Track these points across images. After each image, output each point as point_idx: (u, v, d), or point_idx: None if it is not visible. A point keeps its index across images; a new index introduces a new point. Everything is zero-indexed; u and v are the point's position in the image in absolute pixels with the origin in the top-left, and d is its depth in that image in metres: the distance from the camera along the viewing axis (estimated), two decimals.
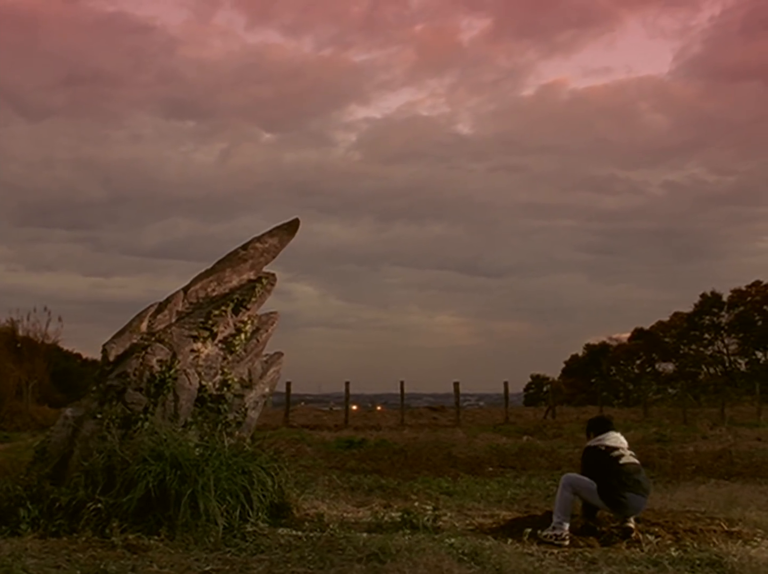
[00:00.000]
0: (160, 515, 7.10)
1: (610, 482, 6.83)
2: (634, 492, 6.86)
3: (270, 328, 9.11)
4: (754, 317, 65.36)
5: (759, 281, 65.54)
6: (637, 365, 69.13)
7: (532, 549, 6.45)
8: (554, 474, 11.64)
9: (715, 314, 66.35)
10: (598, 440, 7.23)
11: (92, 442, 7.84)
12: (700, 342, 67.29)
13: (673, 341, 67.71)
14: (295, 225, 9.27)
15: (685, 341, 67.49)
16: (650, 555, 6.14)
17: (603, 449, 7.09)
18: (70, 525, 7.09)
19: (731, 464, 12.09)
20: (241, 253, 9.05)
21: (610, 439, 7.18)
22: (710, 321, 66.56)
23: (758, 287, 65.56)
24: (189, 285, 8.95)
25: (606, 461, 6.98)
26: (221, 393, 8.63)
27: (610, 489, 6.82)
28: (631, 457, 7.14)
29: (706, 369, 66.03)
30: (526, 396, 65.47)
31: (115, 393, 8.22)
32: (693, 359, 66.29)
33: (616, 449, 7.08)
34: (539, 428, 20.31)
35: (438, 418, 26.53)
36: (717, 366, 66.26)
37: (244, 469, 7.62)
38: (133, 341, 8.56)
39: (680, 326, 67.43)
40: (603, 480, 6.87)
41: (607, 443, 7.13)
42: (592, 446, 7.29)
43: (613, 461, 6.96)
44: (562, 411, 27.81)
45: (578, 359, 70.94)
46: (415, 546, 6.33)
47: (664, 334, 68.66)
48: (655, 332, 68.81)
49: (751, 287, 65.67)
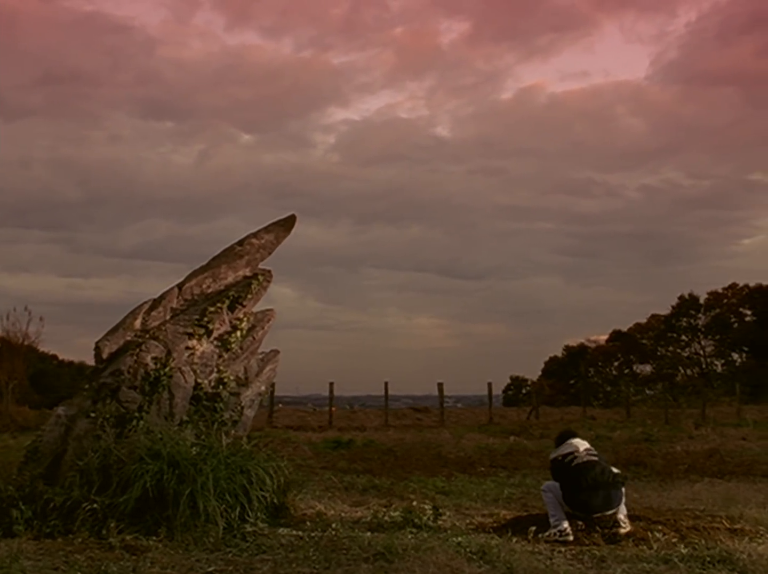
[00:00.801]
0: (158, 515, 6.95)
1: (568, 485, 7.06)
2: (591, 490, 6.95)
3: (266, 325, 8.98)
4: (730, 319, 66.10)
5: (735, 284, 66.36)
6: (615, 367, 69.65)
7: (540, 547, 6.38)
8: (547, 474, 11.61)
9: (692, 316, 67.05)
10: (557, 451, 7.49)
11: (86, 441, 7.67)
12: (678, 344, 67.93)
13: (651, 342, 68.30)
14: (292, 221, 9.15)
15: (662, 343, 68.10)
16: (659, 553, 6.09)
17: (560, 459, 7.34)
18: (65, 526, 6.92)
19: (722, 463, 12.13)
20: (236, 249, 8.91)
21: (566, 447, 7.40)
22: (687, 323, 67.25)
23: (734, 289, 66.35)
24: (183, 281, 8.79)
25: (561, 467, 7.24)
26: (217, 391, 8.49)
27: (567, 493, 7.03)
28: (586, 456, 7.24)
29: (683, 371, 66.61)
30: (505, 397, 65.49)
31: (108, 391, 8.05)
32: (670, 361, 66.87)
33: (570, 454, 7.27)
34: (525, 428, 20.29)
35: (422, 418, 26.46)
36: (694, 368, 66.91)
37: (242, 468, 7.49)
38: (126, 339, 8.39)
39: (658, 328, 68.04)
40: (564, 485, 7.10)
41: (562, 452, 7.37)
42: (552, 458, 7.58)
43: (566, 467, 7.18)
44: (545, 412, 27.85)
45: (557, 361, 71.33)
46: (421, 545, 6.24)
47: (641, 336, 69.24)
48: (633, 334, 69.38)
49: (727, 290, 66.42)
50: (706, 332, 66.37)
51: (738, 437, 16.83)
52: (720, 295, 66.57)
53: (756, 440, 16.25)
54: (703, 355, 67.24)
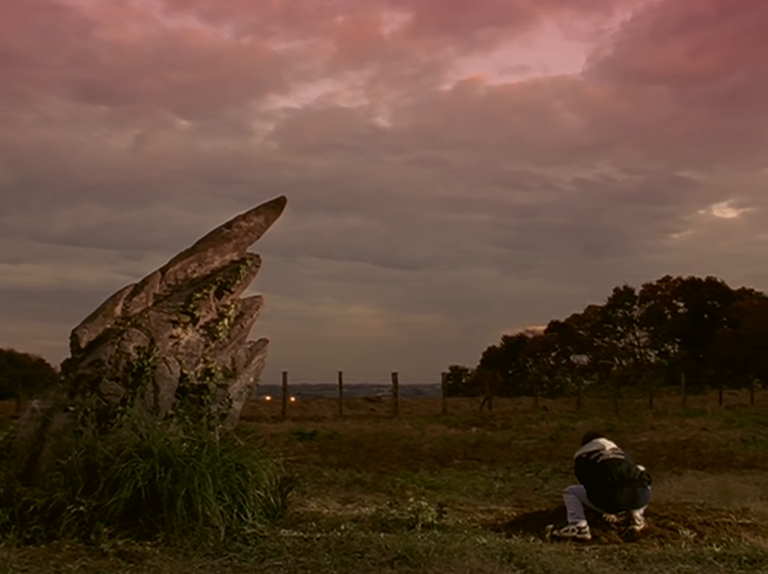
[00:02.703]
0: (152, 517, 6.42)
1: (593, 482, 6.93)
2: (617, 487, 6.81)
3: (255, 313, 8.47)
4: (664, 310, 67.85)
5: (669, 277, 68.04)
6: (552, 357, 70.73)
7: (565, 547, 6.10)
8: (530, 466, 11.46)
9: (628, 307, 68.58)
10: (582, 449, 7.38)
11: (66, 437, 7.06)
12: (613, 335, 69.44)
13: (588, 333, 69.60)
14: (282, 203, 8.64)
15: (598, 334, 69.49)
16: (689, 552, 5.87)
17: (584, 457, 7.23)
18: (48, 531, 6.34)
19: (699, 455, 12.15)
20: (224, 231, 8.36)
21: (592, 445, 7.30)
22: (623, 315, 68.76)
23: (668, 281, 68.06)
24: (167, 265, 8.21)
25: (587, 465, 7.12)
26: (204, 383, 7.95)
27: (594, 489, 6.88)
28: (611, 454, 7.14)
29: (618, 361, 68.12)
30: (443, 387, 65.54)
31: (88, 383, 7.43)
32: (606, 352, 68.28)
33: (595, 451, 7.17)
34: (486, 419, 20.17)
35: (375, 409, 26.15)
36: (629, 358, 68.48)
37: (237, 465, 7.02)
38: (106, 326, 7.78)
39: (594, 319, 69.38)
40: (589, 483, 6.97)
41: (587, 450, 7.26)
42: (576, 456, 7.45)
43: (591, 464, 7.07)
44: (497, 402, 27.87)
45: (496, 351, 71.99)
46: (444, 547, 5.90)
47: (578, 326, 70.48)
48: (570, 325, 70.54)
49: (661, 282, 68.08)
50: (640, 323, 68.00)
51: (698, 428, 17.00)
52: (654, 287, 68.22)
53: (717, 430, 16.45)
54: (637, 346, 68.90)
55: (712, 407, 24.56)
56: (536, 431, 17.57)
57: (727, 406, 27.60)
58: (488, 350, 72.32)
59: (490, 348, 72.63)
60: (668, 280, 67.87)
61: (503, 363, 68.53)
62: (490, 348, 72.63)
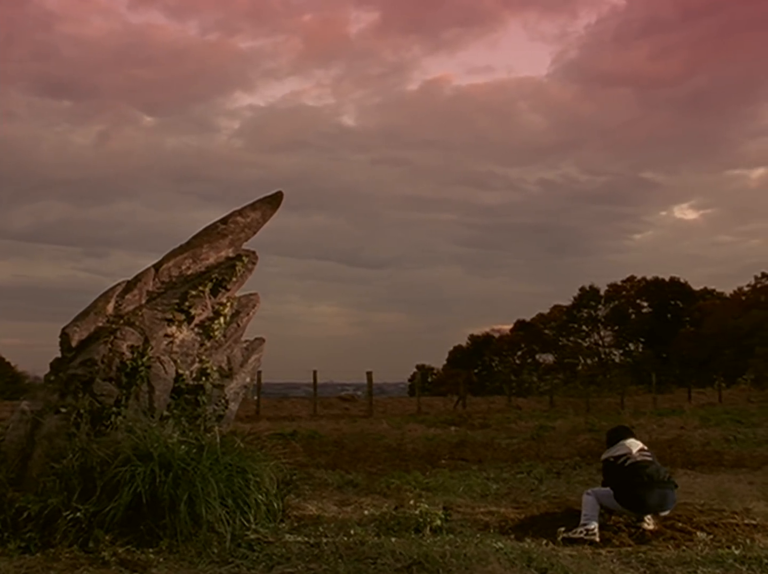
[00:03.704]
0: (153, 523, 6.17)
1: (622, 484, 6.85)
2: (647, 488, 6.78)
3: (251, 311, 8.23)
4: (628, 310, 68.67)
5: (633, 277, 68.83)
6: (518, 356, 71.15)
7: (583, 551, 6.00)
8: (520, 466, 11.36)
9: (593, 307, 69.23)
10: (609, 452, 7.30)
11: (58, 439, 6.77)
12: (579, 334, 70.05)
13: (553, 332, 70.13)
14: (279, 198, 8.42)
15: (564, 333, 70.05)
16: (707, 554, 5.80)
17: (612, 460, 7.16)
18: (43, 538, 6.07)
19: (686, 454, 12.16)
20: (220, 227, 8.11)
21: (620, 448, 7.21)
22: (588, 314, 69.40)
23: (632, 281, 68.86)
24: (161, 262, 7.93)
25: (616, 469, 7.05)
26: (199, 383, 7.70)
27: (623, 491, 6.81)
28: (639, 456, 7.09)
29: (583, 360, 68.75)
30: (411, 386, 65.79)
31: (80, 383, 7.14)
32: (571, 351, 68.87)
33: (623, 455, 7.09)
34: (464, 418, 20.09)
35: (349, 408, 25.94)
36: (593, 357, 69.16)
37: (239, 468, 6.79)
38: (98, 325, 7.49)
39: (560, 318, 69.90)
40: (616, 485, 6.89)
41: (615, 453, 7.18)
42: (604, 459, 7.38)
43: (620, 467, 7.00)
44: (470, 401, 27.86)
45: (462, 350, 72.17)
46: (459, 552, 5.74)
47: (544, 326, 70.97)
48: (536, 324, 71.00)
49: (626, 282, 68.85)
50: (605, 322, 68.72)
51: (676, 427, 17.11)
52: (619, 287, 68.97)
53: (695, 430, 16.57)
54: (602, 345, 69.61)
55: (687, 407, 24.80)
56: (516, 430, 17.52)
57: (696, 405, 27.93)
58: (454, 349, 72.40)
59: (456, 347, 72.74)
60: (632, 280, 68.66)
61: (469, 362, 68.68)
62: (456, 347, 72.74)
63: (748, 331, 53.49)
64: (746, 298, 62.20)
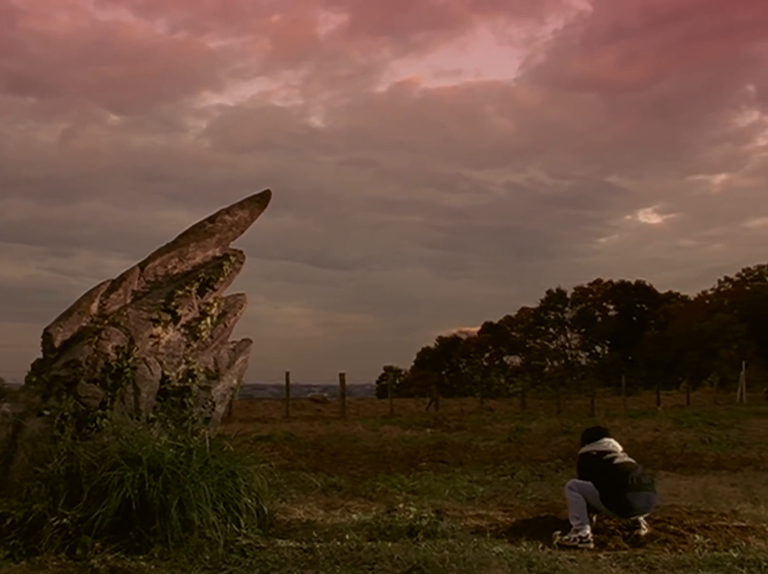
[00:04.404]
0: (142, 529, 6.00)
1: (609, 485, 6.65)
2: (635, 490, 6.64)
3: (238, 311, 8.09)
4: (595, 313, 69.35)
5: (600, 280, 69.53)
6: (486, 358, 71.47)
7: (582, 555, 5.95)
8: (503, 469, 11.34)
9: (560, 309, 69.81)
10: (590, 447, 7.12)
11: (42, 443, 6.56)
12: (546, 337, 70.59)
13: (521, 335, 70.55)
14: (267, 197, 8.28)
15: (531, 335, 70.51)
16: (706, 557, 5.79)
17: (594, 454, 6.98)
18: (28, 546, 5.86)
19: (665, 456, 12.24)
20: (207, 226, 7.94)
21: (601, 444, 7.06)
22: (555, 316, 69.96)
23: (599, 284, 69.58)
24: (146, 261, 7.75)
25: (600, 463, 6.84)
26: (186, 385, 7.53)
27: (610, 492, 6.62)
28: (625, 457, 6.96)
29: (550, 362, 69.29)
30: (378, 388, 65.71)
31: (63, 385, 6.94)
32: (538, 353, 69.38)
33: (608, 452, 6.94)
34: (438, 420, 20.05)
35: (322, 409, 25.77)
36: (560, 359, 69.73)
37: (229, 472, 6.64)
38: (82, 325, 7.29)
39: (527, 320, 70.36)
40: (602, 484, 6.69)
41: (597, 448, 7.01)
42: (583, 452, 7.18)
43: (607, 463, 6.81)
44: (442, 403, 27.86)
45: (430, 352, 72.29)
46: (458, 557, 5.66)
47: (511, 328, 71.39)
48: (504, 326, 71.39)
49: (592, 285, 69.55)
50: (572, 325, 69.35)
51: (650, 429, 17.23)
52: (585, 290, 69.63)
53: (669, 432, 16.70)
54: (569, 347, 70.22)
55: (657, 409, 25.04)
56: (492, 432, 17.53)
57: (665, 407, 28.24)
58: (422, 351, 72.52)
59: (424, 349, 72.85)
60: (599, 283, 69.36)
61: (438, 364, 68.78)
62: (424, 349, 72.85)
63: (712, 334, 54.37)
64: (710, 301, 63.21)
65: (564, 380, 35.41)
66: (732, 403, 30.87)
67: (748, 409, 26.40)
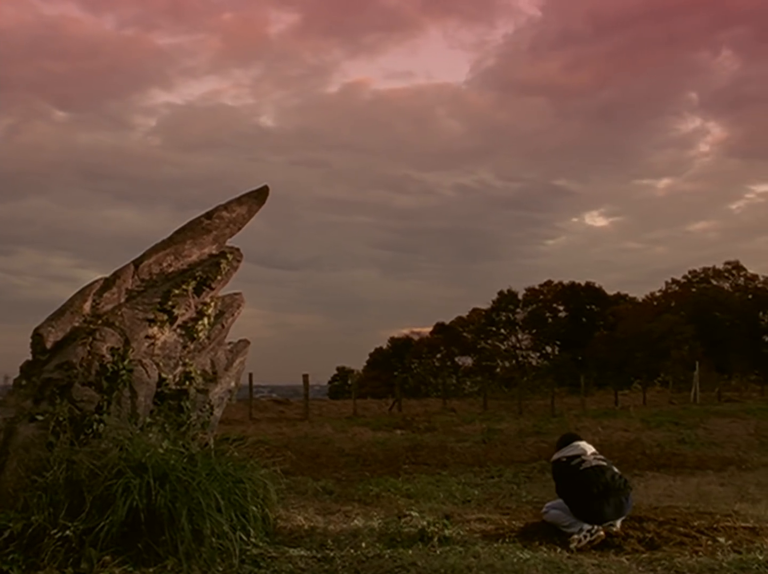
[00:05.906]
0: (150, 540, 5.69)
1: (574, 493, 6.64)
2: (603, 499, 6.55)
3: (236, 311, 7.81)
4: (545, 314, 70.20)
5: (550, 281, 70.46)
6: (438, 359, 71.70)
7: (605, 559, 5.85)
8: (489, 471, 11.25)
9: (511, 310, 70.49)
10: (561, 453, 7.09)
11: (36, 450, 6.19)
12: (497, 337, 71.18)
13: (472, 335, 71.01)
14: (265, 193, 8.02)
15: (482, 336, 71.02)
16: (732, 559, 5.74)
17: (564, 460, 6.95)
18: (28, 560, 5.50)
19: (648, 457, 12.30)
20: (204, 222, 7.64)
21: (571, 449, 7.02)
22: (506, 317, 70.61)
23: (549, 286, 70.47)
24: (140, 258, 7.41)
25: (569, 471, 6.82)
26: (183, 388, 7.23)
27: (577, 503, 6.59)
28: (594, 460, 6.87)
29: (501, 363, 69.86)
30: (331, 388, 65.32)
31: (56, 388, 6.57)
32: (490, 353, 69.91)
33: (577, 457, 6.89)
34: (407, 421, 19.88)
35: (285, 411, 25.39)
36: (511, 360, 70.37)
37: (235, 478, 6.38)
38: (74, 325, 6.93)
39: (478, 321, 70.87)
40: (570, 496, 6.66)
41: (567, 454, 6.98)
42: (555, 459, 7.16)
43: (573, 470, 6.77)
44: (406, 404, 27.72)
45: (382, 352, 72.27)
46: (485, 564, 5.51)
47: (463, 329, 71.80)
48: (456, 327, 71.76)
49: (543, 286, 70.42)
50: (523, 326, 70.08)
51: (620, 429, 17.37)
52: (536, 291, 70.47)
53: (640, 432, 16.88)
54: (520, 348, 70.94)
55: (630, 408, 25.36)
56: (464, 433, 17.44)
57: (622, 406, 28.64)
58: (375, 351, 72.49)
59: (377, 349, 72.86)
60: (550, 284, 70.24)
61: (388, 364, 68.74)
62: (377, 349, 72.86)
63: (660, 335, 55.57)
64: (657, 303, 64.58)
65: (517, 381, 35.46)
66: (686, 403, 31.48)
67: (704, 408, 26.93)
